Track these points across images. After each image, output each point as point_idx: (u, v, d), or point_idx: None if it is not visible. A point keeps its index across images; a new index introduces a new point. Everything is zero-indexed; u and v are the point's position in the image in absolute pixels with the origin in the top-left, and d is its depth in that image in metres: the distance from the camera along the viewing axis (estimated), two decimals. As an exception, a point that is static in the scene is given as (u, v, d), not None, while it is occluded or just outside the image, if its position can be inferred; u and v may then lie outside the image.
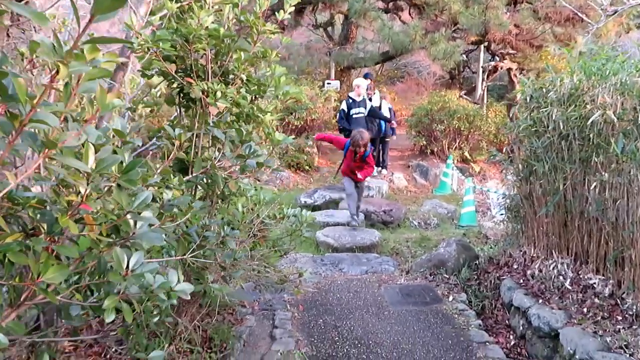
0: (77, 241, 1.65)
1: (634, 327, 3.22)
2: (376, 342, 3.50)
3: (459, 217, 7.85)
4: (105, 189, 1.42)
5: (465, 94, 14.88)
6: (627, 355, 2.95)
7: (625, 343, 3.06)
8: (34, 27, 2.56)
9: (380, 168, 10.09)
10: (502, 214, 5.53)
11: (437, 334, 3.68)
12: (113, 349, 3.00)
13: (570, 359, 3.14)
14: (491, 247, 5.36)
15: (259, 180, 9.54)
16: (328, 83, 13.69)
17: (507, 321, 4.13)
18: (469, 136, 11.17)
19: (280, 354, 3.25)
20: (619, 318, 3.35)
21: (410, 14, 14.24)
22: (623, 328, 3.23)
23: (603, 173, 3.67)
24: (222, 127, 3.14)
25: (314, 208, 8.00)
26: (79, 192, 1.31)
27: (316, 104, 11.66)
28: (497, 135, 11.18)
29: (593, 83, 3.90)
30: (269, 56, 3.27)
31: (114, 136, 1.61)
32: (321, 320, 3.79)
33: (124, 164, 1.42)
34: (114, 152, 1.41)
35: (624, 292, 3.48)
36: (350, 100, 8.86)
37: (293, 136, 3.41)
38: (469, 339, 3.64)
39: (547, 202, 4.16)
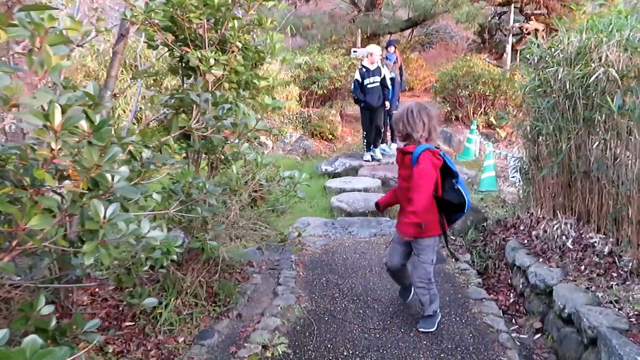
0: (62, 195, 1.85)
1: (627, 283, 3.25)
2: (374, 298, 3.66)
3: (479, 182, 7.83)
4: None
5: (497, 58, 14.52)
6: (616, 310, 3.00)
7: (615, 298, 3.10)
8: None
9: (391, 142, 9.67)
10: (513, 177, 5.52)
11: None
12: (124, 303, 3.27)
13: (560, 314, 3.22)
14: (500, 210, 5.38)
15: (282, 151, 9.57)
16: (354, 51, 13.59)
17: (509, 280, 4.21)
18: (495, 101, 10.96)
19: (281, 308, 3.45)
20: (614, 275, 3.38)
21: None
22: (616, 284, 3.27)
23: (604, 132, 3.65)
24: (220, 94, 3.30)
25: (334, 175, 8.14)
26: (52, 148, 1.48)
27: (339, 73, 11.65)
28: (525, 100, 10.92)
29: (600, 40, 3.83)
30: (265, 24, 3.38)
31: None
32: (324, 279, 3.97)
33: (95, 124, 1.58)
34: (85, 112, 1.57)
35: (621, 250, 3.49)
36: (364, 69, 8.26)
37: (317, 105, 3.52)
38: (467, 295, 3.75)
39: (552, 163, 4.16)
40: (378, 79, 8.22)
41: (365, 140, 8.74)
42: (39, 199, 1.60)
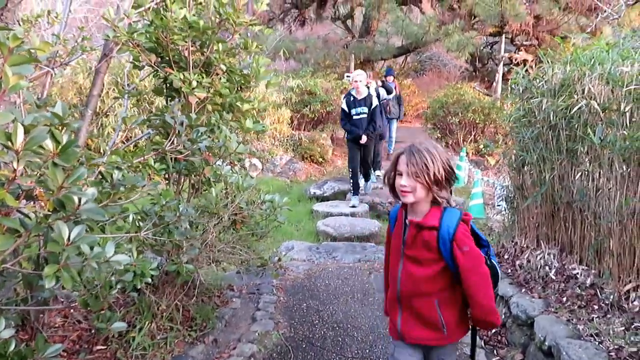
0: (28, 216, 1.81)
1: (608, 316, 3.22)
2: (354, 326, 3.60)
3: (468, 209, 7.84)
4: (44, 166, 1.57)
5: (487, 87, 14.71)
6: (596, 343, 2.96)
7: (596, 331, 3.07)
8: (18, 22, 2.75)
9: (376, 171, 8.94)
10: (499, 206, 5.53)
11: (417, 320, 3.75)
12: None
13: (541, 346, 3.17)
14: (487, 238, 5.35)
15: (272, 173, 9.57)
16: (347, 76, 13.74)
17: (492, 310, 4.16)
18: (485, 129, 11.07)
19: (258, 334, 3.39)
20: (595, 307, 3.35)
21: (432, 6, 14.16)
22: (597, 317, 3.24)
23: (586, 163, 3.67)
24: (203, 116, 3.30)
25: (323, 199, 8.12)
26: (14, 168, 1.45)
27: (331, 97, 11.75)
28: (514, 128, 11.05)
29: (582, 73, 3.88)
30: (250, 47, 3.40)
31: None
32: (305, 305, 3.91)
33: (61, 144, 1.56)
34: (51, 132, 1.55)
35: (603, 282, 3.47)
36: (351, 98, 7.30)
37: (307, 128, 3.53)
38: (448, 325, 3.69)
39: (536, 193, 4.17)
40: (366, 110, 7.22)
41: (351, 181, 7.54)
42: (0, 219, 1.56)
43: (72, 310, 3.47)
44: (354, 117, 7.23)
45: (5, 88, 1.25)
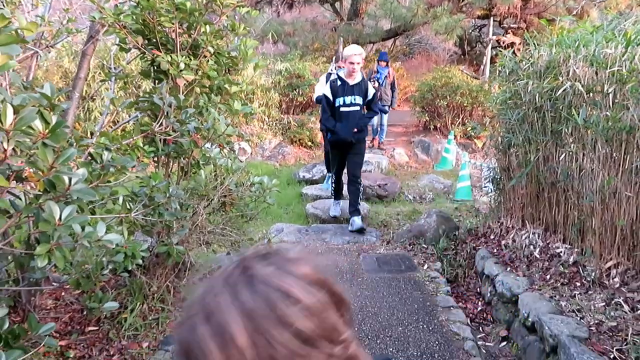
0: (18, 197, 1.83)
1: (590, 292, 3.32)
2: (343, 305, 3.66)
3: (455, 192, 7.92)
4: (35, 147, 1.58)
5: (476, 70, 14.74)
6: (578, 318, 3.05)
7: (578, 307, 3.17)
8: (2, 3, 2.72)
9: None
10: (485, 187, 5.61)
11: (404, 299, 3.83)
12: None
13: (525, 322, 3.27)
14: (474, 219, 5.45)
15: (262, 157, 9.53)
16: (332, 70, 13.67)
17: (478, 289, 4.26)
18: (473, 112, 11.13)
19: (249, 314, 3.44)
20: (578, 284, 3.45)
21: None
22: (579, 293, 3.33)
23: (571, 144, 3.73)
24: (191, 99, 3.29)
25: (312, 182, 8.15)
26: (4, 148, 1.47)
27: (320, 80, 11.70)
28: (502, 111, 11.12)
29: (567, 55, 3.92)
30: (238, 29, 3.39)
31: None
32: (294, 285, 3.96)
33: (50, 125, 1.57)
34: (40, 113, 1.56)
35: (585, 260, 3.56)
36: (338, 83, 5.33)
37: (296, 112, 3.53)
38: (435, 303, 3.78)
39: (521, 174, 4.24)
40: (360, 101, 5.31)
41: (332, 186, 6.08)
42: (-10, 199, 1.58)
43: (63, 293, 3.49)
44: (342, 109, 5.24)
45: (-6, 68, 1.25)
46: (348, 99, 5.25)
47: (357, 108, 5.27)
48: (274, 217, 6.06)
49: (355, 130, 5.27)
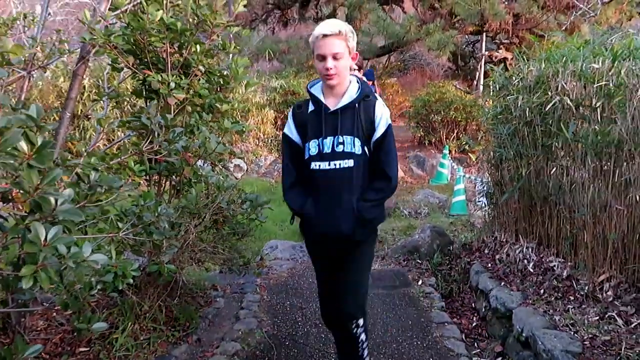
0: (5, 218, 1.83)
1: (583, 306, 3.31)
2: (337, 323, 3.64)
3: (450, 206, 7.93)
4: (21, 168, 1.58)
5: (470, 85, 14.85)
6: (572, 333, 3.04)
7: (571, 321, 3.15)
8: (-7, 25, 2.74)
9: None
10: (479, 202, 5.62)
11: (398, 316, 3.81)
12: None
13: (519, 337, 3.25)
14: (469, 234, 5.45)
15: (257, 173, 9.55)
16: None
17: (473, 304, 4.24)
18: (467, 126, 11.20)
19: (242, 332, 3.42)
20: (571, 298, 3.44)
21: (413, 5, 14.25)
22: (573, 307, 3.32)
23: (561, 158, 3.76)
24: (183, 117, 3.32)
25: (307, 198, 8.14)
26: (-11, 170, 1.47)
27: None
28: (496, 126, 11.21)
29: (556, 70, 3.96)
30: (228, 48, 3.42)
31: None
32: (288, 303, 3.95)
33: (36, 146, 1.58)
34: (26, 134, 1.57)
35: (578, 274, 3.56)
36: (309, 108, 2.51)
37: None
38: (429, 319, 3.76)
39: (513, 188, 4.25)
40: (356, 146, 2.39)
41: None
42: (-26, 221, 1.58)
43: (54, 314, 3.47)
44: (316, 166, 2.43)
45: (-23, 91, 1.26)
46: (328, 143, 2.39)
47: (351, 164, 2.38)
48: (269, 234, 6.05)
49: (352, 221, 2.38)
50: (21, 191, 1.63)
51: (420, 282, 4.45)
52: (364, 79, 5.04)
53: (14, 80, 3.21)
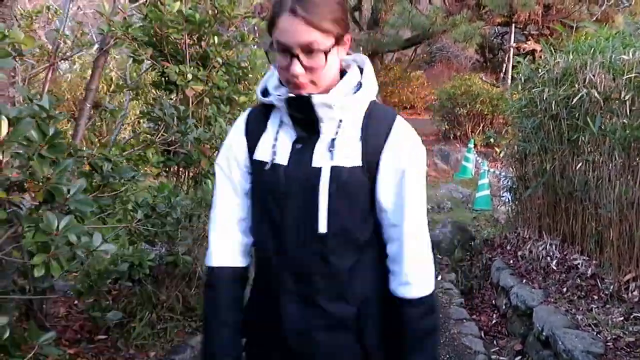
0: (20, 207, 1.86)
1: (607, 306, 3.21)
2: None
3: (474, 201, 7.81)
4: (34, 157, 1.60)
5: (498, 78, 14.57)
6: (594, 333, 2.95)
7: (594, 321, 3.06)
8: (15, 17, 2.79)
9: None
10: (503, 197, 5.51)
11: (416, 311, 3.76)
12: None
13: (539, 336, 3.17)
14: (491, 229, 5.35)
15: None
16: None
17: (493, 301, 4.16)
18: (493, 120, 10.99)
19: (257, 324, 3.42)
20: (595, 297, 3.34)
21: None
22: (596, 307, 3.22)
23: (587, 153, 3.64)
24: (201, 109, 3.33)
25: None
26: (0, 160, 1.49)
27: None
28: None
29: (584, 62, 3.83)
30: (247, 39, 3.41)
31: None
32: (305, 295, 3.94)
33: (47, 136, 1.60)
34: (38, 125, 1.59)
35: (604, 272, 3.45)
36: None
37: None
38: (448, 316, 3.71)
39: (537, 183, 4.14)
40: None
41: None
42: (-13, 210, 1.61)
43: (76, 301, 3.54)
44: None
45: (-17, 81, 1.28)
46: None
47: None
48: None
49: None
50: (35, 181, 1.66)
51: (439, 278, 4.39)
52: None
53: (38, 71, 3.26)
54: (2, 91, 2.50)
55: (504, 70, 12.41)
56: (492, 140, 8.75)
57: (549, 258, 3.97)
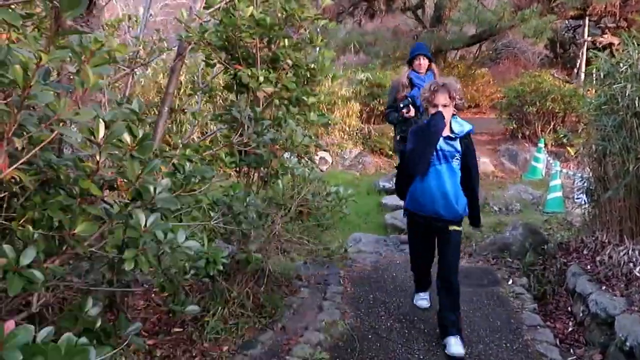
0: (111, 204, 1.98)
1: (700, 317, 2.98)
2: (421, 319, 3.57)
3: (545, 203, 7.48)
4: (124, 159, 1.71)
5: (569, 74, 13.89)
6: (685, 346, 2.75)
7: (684, 333, 2.86)
8: (102, 26, 2.97)
9: None
10: (578, 199, 5.24)
11: (487, 315, 3.66)
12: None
13: (622, 346, 3.00)
14: (565, 233, 5.10)
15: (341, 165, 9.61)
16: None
17: (569, 308, 3.97)
18: (565, 118, 10.47)
19: (325, 323, 3.46)
20: (685, 307, 3.11)
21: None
22: (686, 318, 3.01)
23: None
24: (271, 110, 3.40)
25: (392, 192, 8.06)
26: (97, 160, 1.60)
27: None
28: (599, 117, 10.38)
29: (672, 55, 3.58)
30: (316, 41, 3.46)
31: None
32: (371, 296, 3.93)
33: (138, 138, 1.69)
34: (129, 127, 1.69)
35: (695, 281, 3.21)
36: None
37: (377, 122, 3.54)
38: (520, 321, 3.58)
39: (618, 185, 3.91)
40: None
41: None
42: (86, 207, 1.72)
43: (153, 295, 3.72)
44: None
45: (87, 87, 1.37)
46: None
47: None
48: (352, 227, 6.07)
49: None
50: (124, 180, 1.76)
51: (510, 282, 4.25)
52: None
53: (120, 77, 3.45)
54: (91, 95, 2.68)
55: (577, 66, 11.80)
56: (566, 139, 8.33)
57: (631, 264, 3.73)
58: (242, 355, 3.07)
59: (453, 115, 3.20)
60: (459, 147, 3.19)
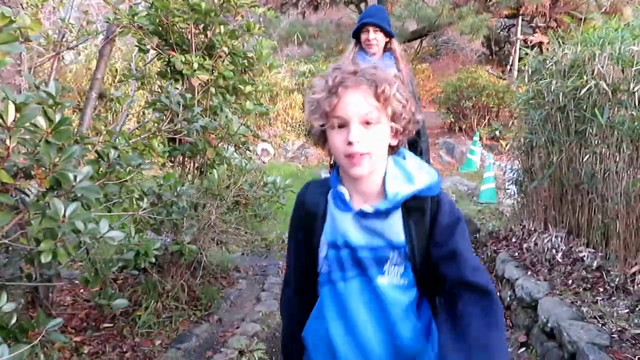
0: (27, 194, 1.86)
1: (613, 298, 3.20)
2: (358, 307, 3.63)
3: (479, 194, 7.78)
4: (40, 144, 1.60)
5: (504, 71, 14.47)
6: (599, 325, 2.94)
7: (600, 313, 3.05)
8: (21, 5, 2.79)
9: None
10: (509, 189, 5.49)
11: (421, 302, 3.76)
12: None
13: (544, 328, 3.17)
14: (496, 222, 5.33)
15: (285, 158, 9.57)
16: (360, 60, 13.62)
17: (498, 293, 4.16)
18: (499, 113, 10.93)
19: (262, 314, 3.44)
20: (601, 290, 3.33)
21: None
22: (602, 299, 3.21)
23: (595, 145, 3.61)
24: (206, 99, 3.32)
25: (333, 184, 8.13)
26: (8, 146, 1.49)
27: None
28: (529, 112, 10.91)
29: (592, 53, 3.80)
30: (253, 29, 3.40)
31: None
32: (310, 286, 3.95)
33: (54, 123, 1.59)
34: (45, 111, 1.59)
35: (609, 265, 3.44)
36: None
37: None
38: (452, 307, 3.70)
39: (543, 175, 4.13)
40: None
41: None
42: (-4, 196, 1.61)
43: (82, 290, 3.56)
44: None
45: (-10, 65, 1.27)
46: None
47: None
48: (293, 218, 6.05)
49: None
50: (42, 168, 1.66)
51: (444, 270, 4.39)
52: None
53: (44, 60, 3.25)
54: (9, 79, 2.51)
55: (510, 63, 12.32)
56: (498, 133, 8.69)
57: (554, 250, 3.96)
58: (175, 349, 2.99)
59: (395, 150, 1.29)
60: (398, 236, 1.24)
